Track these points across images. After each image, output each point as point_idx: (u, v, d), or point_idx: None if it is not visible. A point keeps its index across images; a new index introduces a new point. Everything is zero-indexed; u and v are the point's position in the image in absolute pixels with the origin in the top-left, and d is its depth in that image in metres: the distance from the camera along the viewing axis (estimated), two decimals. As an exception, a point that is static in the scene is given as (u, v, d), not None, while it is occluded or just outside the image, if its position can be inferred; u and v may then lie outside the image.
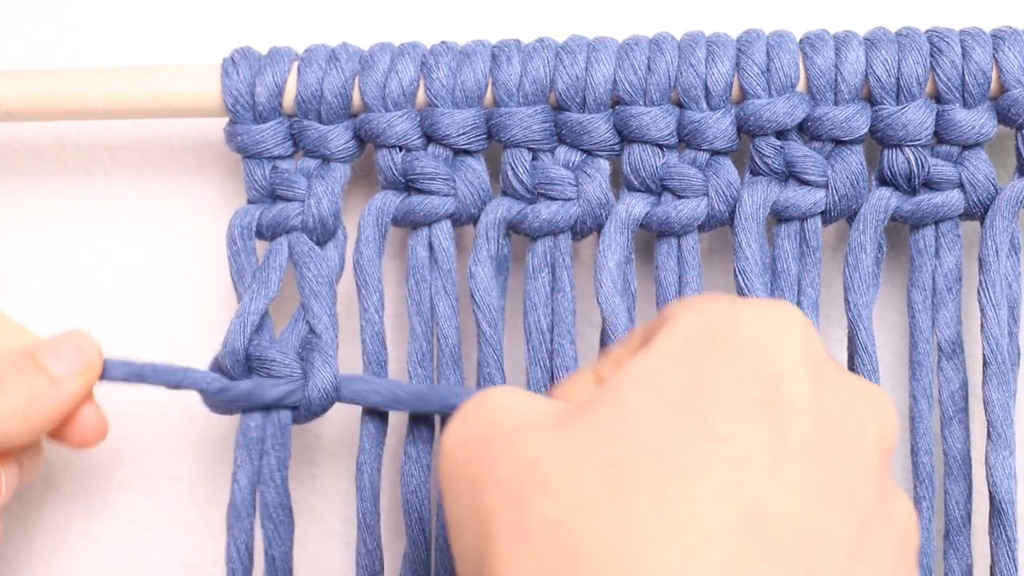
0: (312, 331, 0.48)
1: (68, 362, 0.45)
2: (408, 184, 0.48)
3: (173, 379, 0.47)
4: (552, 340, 0.48)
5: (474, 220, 0.49)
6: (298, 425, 0.49)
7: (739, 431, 0.32)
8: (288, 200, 0.48)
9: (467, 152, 0.48)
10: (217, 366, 0.48)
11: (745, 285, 0.46)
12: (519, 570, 0.32)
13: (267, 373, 0.47)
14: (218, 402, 0.47)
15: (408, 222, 0.48)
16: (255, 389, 0.47)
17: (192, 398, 0.48)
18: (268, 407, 0.47)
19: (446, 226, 0.48)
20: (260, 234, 0.49)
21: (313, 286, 0.48)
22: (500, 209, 0.48)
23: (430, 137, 0.48)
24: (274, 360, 0.47)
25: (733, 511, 0.31)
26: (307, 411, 0.47)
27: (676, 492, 0.31)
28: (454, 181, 0.48)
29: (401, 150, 0.48)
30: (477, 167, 0.48)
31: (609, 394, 0.34)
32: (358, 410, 0.49)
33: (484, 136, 0.48)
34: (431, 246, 0.49)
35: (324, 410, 0.47)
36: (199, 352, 0.54)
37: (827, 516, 0.32)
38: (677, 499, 0.31)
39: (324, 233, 0.49)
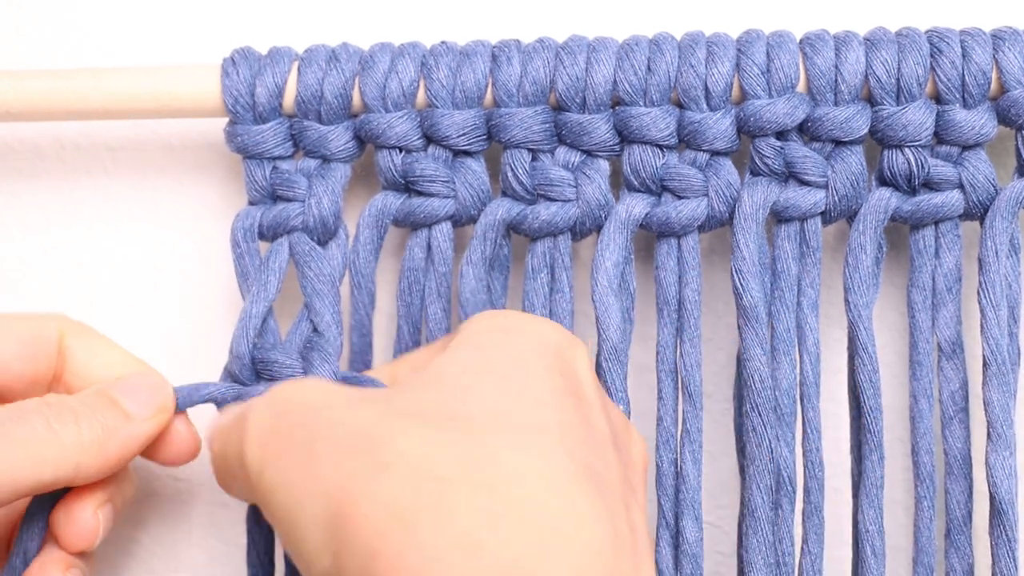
0: (315, 330, 0.48)
1: (142, 401, 0.45)
2: (408, 185, 0.48)
3: (235, 395, 0.47)
4: (552, 341, 0.48)
5: (474, 221, 0.49)
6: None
7: (561, 407, 0.38)
8: (289, 200, 0.49)
9: (467, 153, 0.48)
10: (228, 374, 0.48)
11: (741, 285, 0.46)
12: (384, 499, 0.34)
13: (271, 376, 0.47)
14: None
15: (408, 223, 0.49)
16: (243, 390, 0.47)
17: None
18: None
19: (446, 227, 0.48)
20: (262, 235, 0.49)
21: (315, 285, 0.48)
22: (499, 210, 0.48)
23: (430, 138, 0.48)
24: (276, 362, 0.47)
25: (576, 462, 0.35)
26: None
27: (527, 441, 0.36)
28: (454, 183, 0.48)
29: (401, 151, 0.48)
30: (477, 168, 0.48)
31: (428, 372, 0.39)
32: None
33: (484, 137, 0.48)
34: (429, 247, 0.49)
35: None
36: (199, 352, 0.54)
37: (625, 495, 0.38)
38: (529, 449, 0.35)
39: (325, 233, 0.49)
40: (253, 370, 0.47)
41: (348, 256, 0.49)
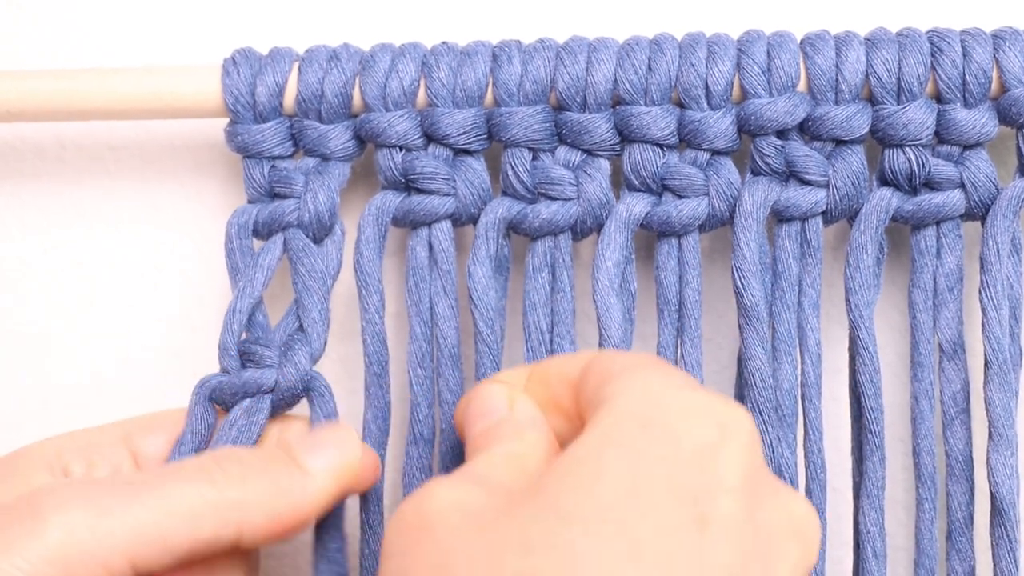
0: (300, 327, 0.48)
1: (326, 459, 0.42)
2: (408, 184, 0.48)
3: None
4: (552, 340, 0.48)
5: (474, 220, 0.49)
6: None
7: (663, 551, 0.32)
8: (285, 198, 0.49)
9: (467, 152, 0.48)
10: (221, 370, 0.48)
11: (742, 284, 0.46)
12: None
13: (253, 367, 0.47)
14: (219, 397, 0.47)
15: (408, 222, 0.48)
16: (228, 379, 0.47)
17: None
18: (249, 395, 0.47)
19: (446, 226, 0.48)
20: (257, 232, 0.49)
21: (306, 281, 0.48)
22: (500, 209, 0.48)
23: (430, 137, 0.48)
24: (255, 353, 0.47)
25: None
26: (279, 399, 0.47)
27: None
28: (454, 181, 0.48)
29: (401, 150, 0.48)
30: (477, 167, 0.48)
31: (541, 489, 0.33)
32: (359, 412, 0.49)
33: (484, 136, 0.48)
34: (431, 246, 0.48)
35: (295, 398, 0.47)
36: (199, 352, 0.54)
37: None
38: None
39: (320, 229, 0.48)
40: (240, 362, 0.47)
41: (343, 256, 0.49)
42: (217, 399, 0.47)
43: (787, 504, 0.35)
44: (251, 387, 0.46)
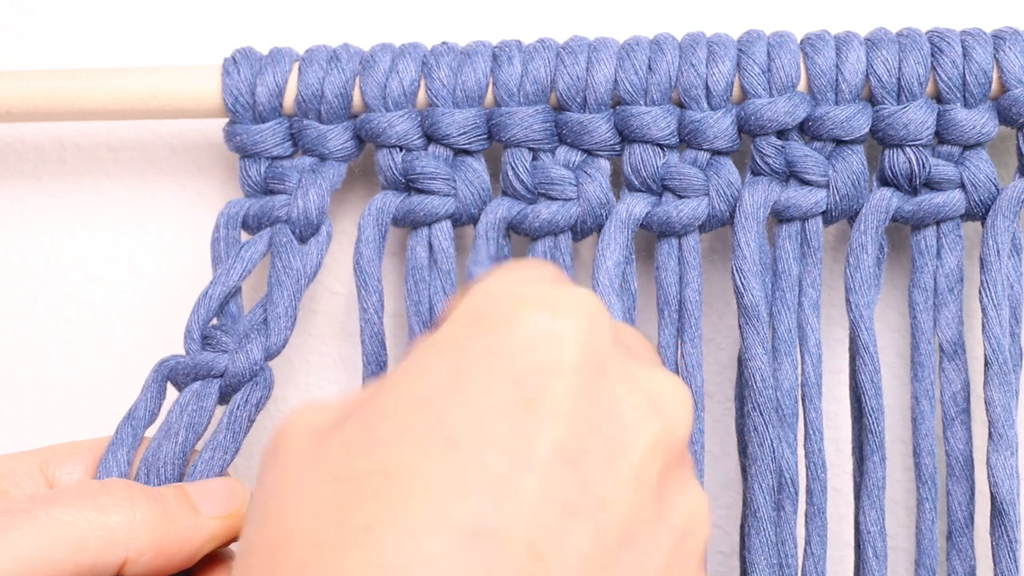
0: (264, 320, 0.48)
1: (215, 501, 0.43)
2: (408, 184, 0.48)
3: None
4: (552, 340, 0.48)
5: (474, 220, 0.48)
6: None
7: (478, 436, 0.30)
8: (278, 194, 0.49)
9: (467, 152, 0.48)
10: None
11: (742, 284, 0.46)
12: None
13: (210, 351, 0.47)
14: (174, 377, 0.47)
15: (408, 222, 0.48)
16: (184, 360, 0.47)
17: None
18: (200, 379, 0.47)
19: (446, 226, 0.48)
20: (247, 226, 0.49)
21: (280, 276, 0.48)
22: (500, 209, 0.48)
23: (430, 137, 0.48)
24: (215, 338, 0.47)
25: (451, 527, 0.29)
26: (226, 385, 0.47)
27: (399, 510, 0.29)
28: (454, 181, 0.48)
29: (401, 150, 0.48)
30: (477, 167, 0.48)
31: (370, 398, 0.33)
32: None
33: (484, 136, 0.48)
34: (431, 246, 0.48)
35: (241, 384, 0.47)
36: (199, 353, 0.54)
37: (564, 528, 0.30)
38: (397, 519, 0.29)
39: (307, 227, 0.48)
40: (200, 346, 0.48)
41: (323, 258, 0.49)
42: (172, 379, 0.47)
43: (646, 381, 0.33)
44: (202, 370, 0.47)
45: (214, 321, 0.48)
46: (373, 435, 0.31)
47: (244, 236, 0.50)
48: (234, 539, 0.43)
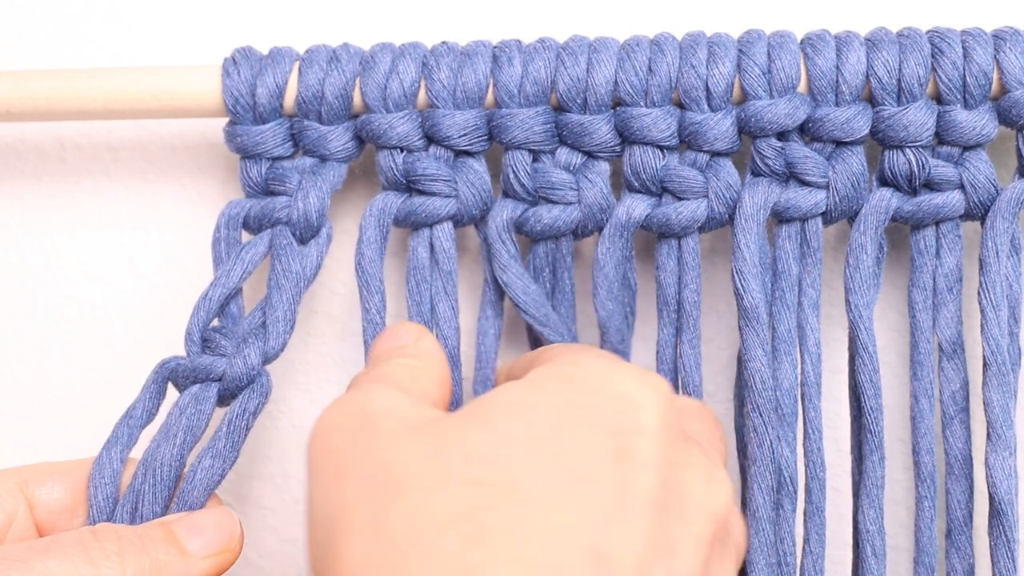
0: (263, 323, 0.48)
1: (205, 539, 0.43)
2: (410, 185, 0.48)
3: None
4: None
5: (475, 221, 0.49)
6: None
7: (593, 476, 0.34)
8: (279, 195, 0.49)
9: (468, 153, 0.48)
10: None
11: (742, 286, 0.46)
12: (361, 563, 0.33)
13: (210, 353, 0.47)
14: (175, 379, 0.47)
15: (410, 223, 0.48)
16: (185, 362, 0.47)
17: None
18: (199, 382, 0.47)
19: (447, 227, 0.48)
20: (248, 226, 0.49)
21: (280, 279, 0.48)
22: (505, 211, 0.48)
23: (431, 138, 0.48)
24: (214, 340, 0.47)
25: (575, 546, 0.33)
26: (225, 389, 0.47)
27: (528, 521, 0.33)
28: (455, 182, 0.48)
29: (402, 151, 0.48)
30: (478, 168, 0.48)
31: (476, 412, 0.37)
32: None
33: (485, 137, 0.48)
34: (432, 247, 0.48)
35: (240, 391, 0.47)
36: (200, 352, 0.54)
37: (652, 565, 0.34)
38: (528, 528, 0.33)
39: (308, 229, 0.48)
40: (201, 348, 0.48)
41: (323, 260, 0.49)
42: (173, 380, 0.47)
43: (706, 465, 0.38)
44: (201, 373, 0.47)
45: (215, 322, 0.48)
46: (499, 452, 0.35)
47: (245, 236, 0.50)
48: (222, 573, 0.43)
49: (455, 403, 0.48)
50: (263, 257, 0.49)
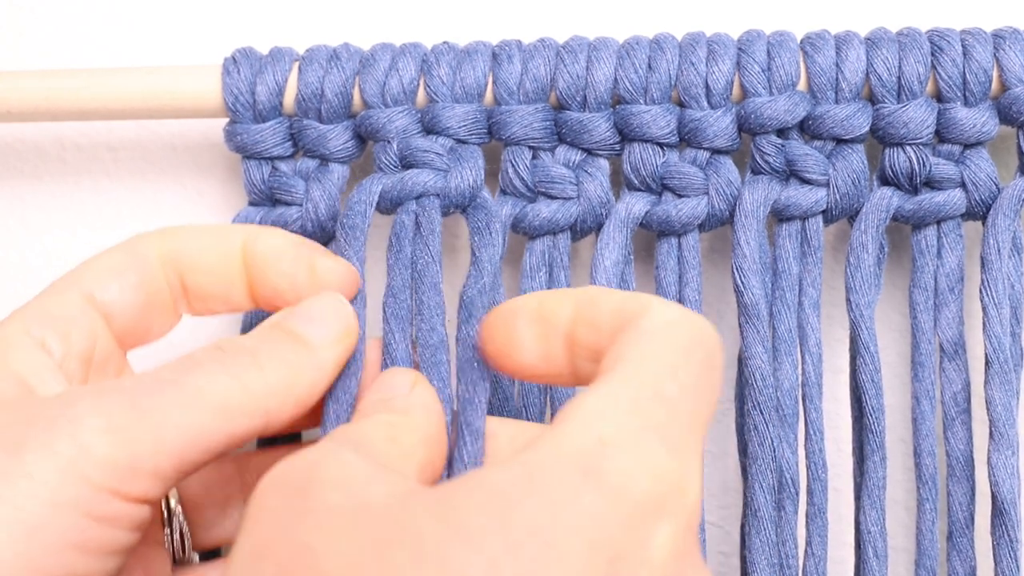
0: None
1: (325, 325, 0.40)
2: (405, 167, 0.47)
3: None
4: (550, 340, 0.48)
5: (464, 205, 0.47)
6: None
7: None
8: (287, 204, 0.48)
9: (466, 143, 0.48)
10: None
11: (741, 283, 0.46)
12: None
13: None
14: None
15: (397, 195, 0.46)
16: None
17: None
18: None
19: (433, 201, 0.47)
20: None
21: None
22: (504, 207, 0.47)
23: (430, 131, 0.48)
24: None
25: None
26: None
27: None
28: (448, 160, 0.47)
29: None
30: (474, 151, 0.47)
31: (445, 498, 0.30)
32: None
33: (485, 131, 0.48)
34: (417, 223, 0.47)
35: None
36: (199, 353, 0.54)
37: None
38: None
39: (324, 236, 0.48)
40: None
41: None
42: None
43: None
44: None
45: None
46: (457, 560, 0.28)
47: None
48: (349, 357, 0.41)
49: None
50: None
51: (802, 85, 0.47)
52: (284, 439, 0.46)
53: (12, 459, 0.34)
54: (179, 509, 0.43)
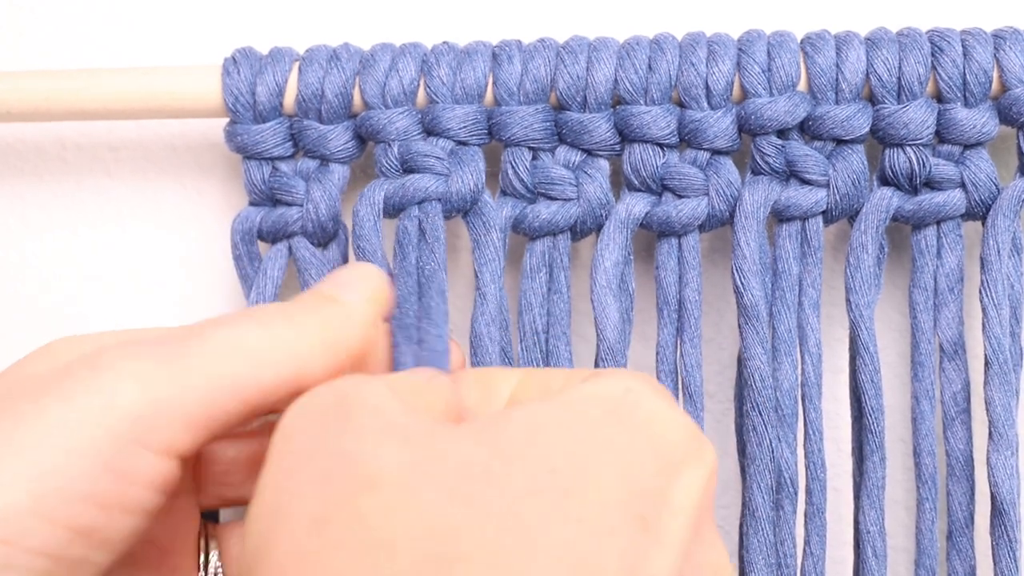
0: None
1: (356, 289, 0.39)
2: (405, 170, 0.48)
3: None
4: (547, 341, 0.48)
5: (465, 208, 0.47)
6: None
7: (603, 539, 0.30)
8: (288, 204, 0.48)
9: (467, 144, 0.48)
10: None
11: (741, 283, 0.46)
12: (299, 554, 0.29)
13: None
14: None
15: (399, 201, 0.47)
16: None
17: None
18: None
19: (436, 206, 0.47)
20: (262, 236, 0.49)
21: None
22: (504, 209, 0.48)
23: (430, 132, 0.48)
24: None
25: None
26: None
27: (516, 568, 0.29)
28: (449, 163, 0.47)
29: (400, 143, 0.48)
30: (474, 154, 0.47)
31: (486, 427, 0.32)
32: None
33: (485, 132, 0.48)
34: (421, 229, 0.47)
35: None
36: (200, 352, 0.54)
37: None
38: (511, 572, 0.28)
39: (324, 236, 0.48)
40: None
41: (348, 258, 0.48)
42: None
43: (717, 556, 0.34)
44: None
45: None
46: (501, 475, 0.30)
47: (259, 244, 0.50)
48: (381, 319, 0.40)
49: None
50: (286, 266, 0.49)
51: (802, 85, 0.47)
52: None
53: (33, 406, 0.34)
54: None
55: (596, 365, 0.46)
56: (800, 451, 0.49)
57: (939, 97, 0.47)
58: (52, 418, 0.34)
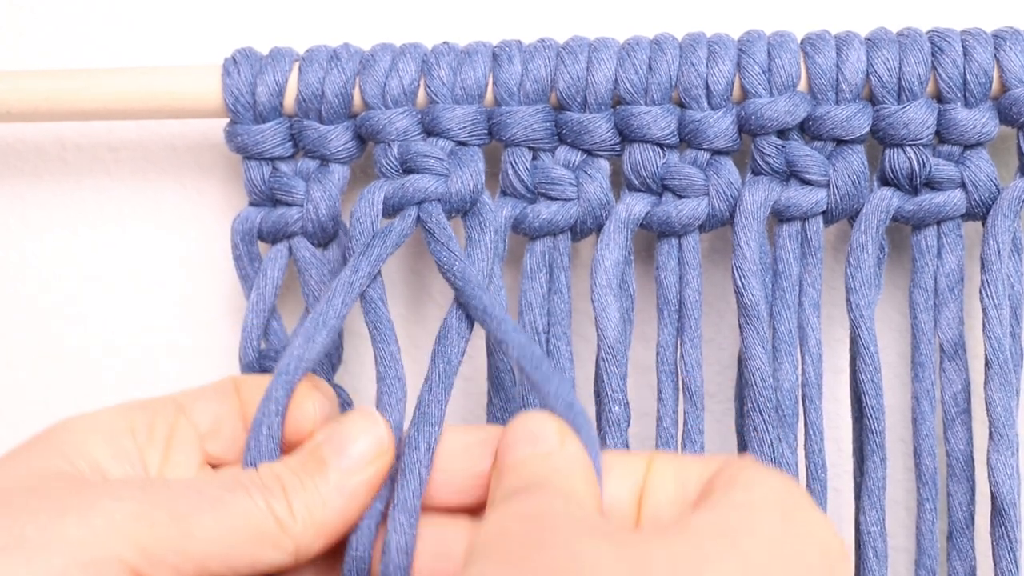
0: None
1: (358, 455, 0.41)
2: (404, 170, 0.48)
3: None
4: (548, 341, 0.48)
5: (464, 208, 0.47)
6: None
7: None
8: (288, 205, 0.48)
9: (467, 145, 0.48)
10: None
11: (742, 283, 0.46)
12: None
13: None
14: None
15: (399, 201, 0.47)
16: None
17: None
18: None
19: (436, 207, 0.47)
20: (262, 236, 0.49)
21: (316, 292, 0.48)
22: (505, 209, 0.48)
23: (430, 132, 0.48)
24: (270, 369, 0.47)
25: None
26: None
27: None
28: (449, 164, 0.47)
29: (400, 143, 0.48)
30: (473, 154, 0.47)
31: (683, 531, 0.34)
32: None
33: (485, 132, 0.48)
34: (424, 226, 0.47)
35: None
36: (201, 352, 0.54)
37: None
38: None
39: (324, 236, 0.48)
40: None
41: (347, 255, 0.48)
42: None
43: None
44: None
45: (262, 344, 0.48)
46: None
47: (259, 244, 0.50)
48: (377, 487, 0.41)
49: None
50: (286, 267, 0.49)
51: (802, 86, 0.47)
52: None
53: (54, 521, 0.36)
54: None
55: (597, 365, 0.46)
56: (800, 451, 0.49)
57: (939, 97, 0.47)
58: (70, 536, 0.36)
